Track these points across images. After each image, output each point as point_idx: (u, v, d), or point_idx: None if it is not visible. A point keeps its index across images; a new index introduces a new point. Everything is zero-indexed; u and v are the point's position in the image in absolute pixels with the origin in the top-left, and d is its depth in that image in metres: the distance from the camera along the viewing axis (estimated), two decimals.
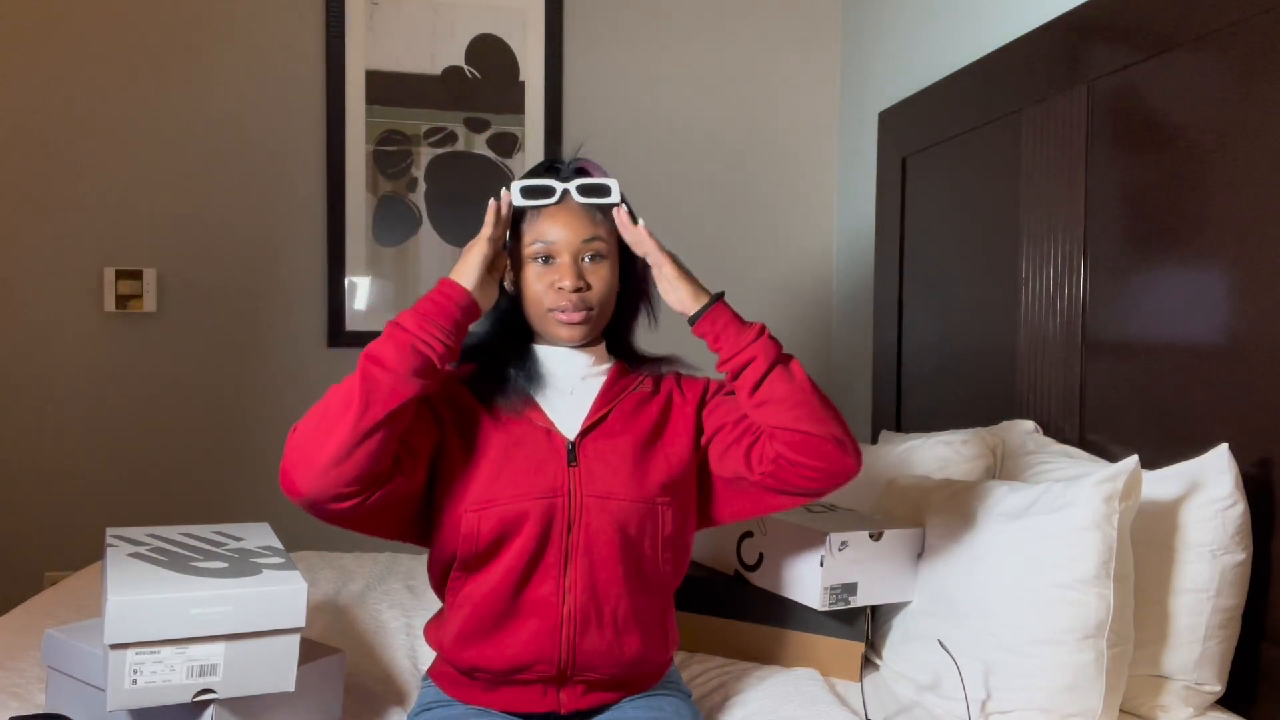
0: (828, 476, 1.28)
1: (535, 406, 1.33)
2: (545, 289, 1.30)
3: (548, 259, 1.30)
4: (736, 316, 1.32)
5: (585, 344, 1.35)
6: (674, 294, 1.33)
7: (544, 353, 1.36)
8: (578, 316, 1.29)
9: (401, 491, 1.24)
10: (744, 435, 1.32)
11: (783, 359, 1.30)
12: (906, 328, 2.63)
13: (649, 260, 1.34)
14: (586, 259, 1.30)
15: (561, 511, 1.27)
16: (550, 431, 1.31)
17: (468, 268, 1.27)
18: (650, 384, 1.39)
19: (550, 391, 1.34)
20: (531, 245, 1.30)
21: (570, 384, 1.35)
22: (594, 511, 1.27)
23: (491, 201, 1.30)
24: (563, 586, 1.27)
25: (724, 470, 1.35)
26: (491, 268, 1.30)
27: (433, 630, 1.37)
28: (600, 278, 1.31)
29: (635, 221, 1.32)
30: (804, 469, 1.28)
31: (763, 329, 1.31)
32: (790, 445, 1.27)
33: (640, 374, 1.38)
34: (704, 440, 1.36)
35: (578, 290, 1.29)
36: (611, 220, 1.33)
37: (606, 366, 1.38)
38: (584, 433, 1.31)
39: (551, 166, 1.36)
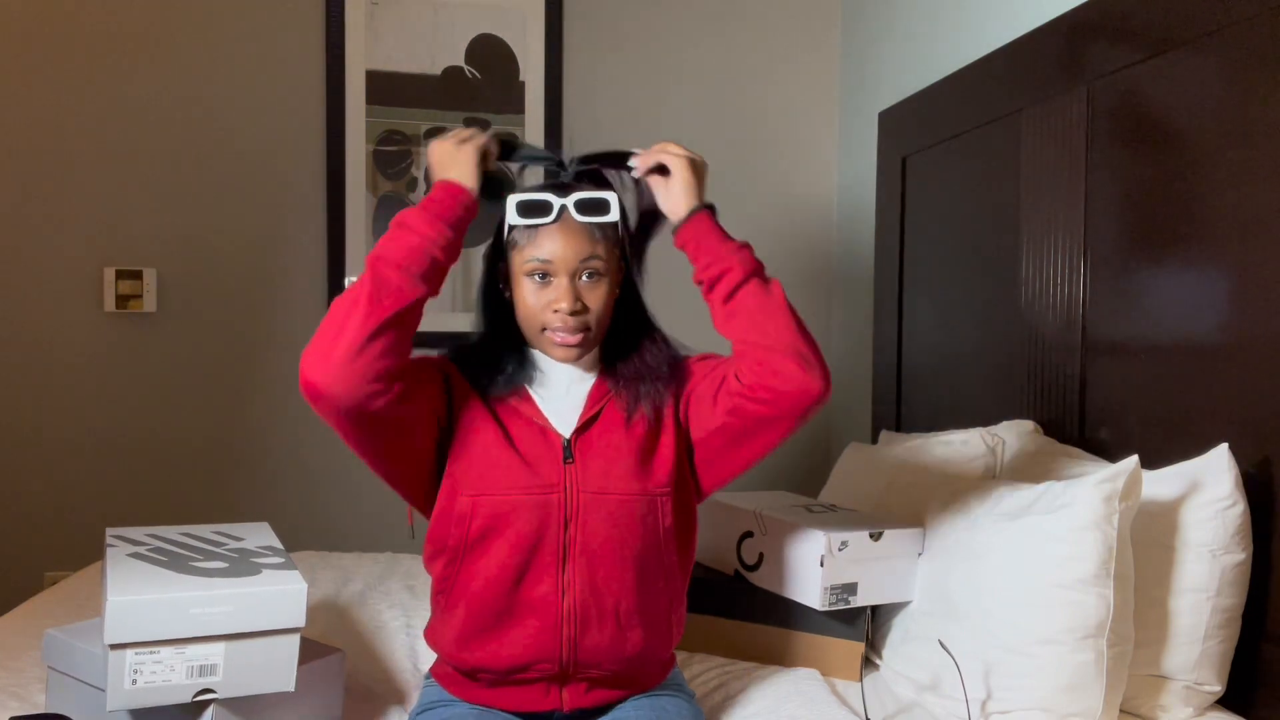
0: (782, 398, 1.22)
1: (531, 402, 1.32)
2: (541, 308, 1.27)
3: (544, 276, 1.27)
4: (720, 229, 1.29)
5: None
6: (668, 202, 1.32)
7: (538, 355, 1.35)
8: (574, 339, 1.27)
9: (411, 421, 1.23)
10: (714, 383, 1.30)
11: (762, 275, 1.28)
12: (906, 327, 2.63)
13: (669, 165, 1.30)
14: (584, 277, 1.27)
15: (557, 509, 1.26)
16: (545, 429, 1.30)
17: (462, 169, 1.25)
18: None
19: (545, 390, 1.33)
20: (528, 262, 1.27)
21: (566, 385, 1.34)
22: (591, 508, 1.27)
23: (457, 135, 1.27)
24: (561, 584, 1.27)
25: (696, 426, 1.32)
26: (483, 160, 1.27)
27: (432, 633, 1.36)
28: (597, 296, 1.28)
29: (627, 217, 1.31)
30: (761, 392, 1.22)
31: (746, 244, 1.28)
32: (753, 363, 1.23)
33: (619, 389, 1.33)
34: (682, 404, 1.33)
35: (575, 313, 1.26)
36: (610, 235, 1.30)
37: (599, 370, 1.36)
38: (580, 429, 1.30)
39: (557, 164, 1.34)
